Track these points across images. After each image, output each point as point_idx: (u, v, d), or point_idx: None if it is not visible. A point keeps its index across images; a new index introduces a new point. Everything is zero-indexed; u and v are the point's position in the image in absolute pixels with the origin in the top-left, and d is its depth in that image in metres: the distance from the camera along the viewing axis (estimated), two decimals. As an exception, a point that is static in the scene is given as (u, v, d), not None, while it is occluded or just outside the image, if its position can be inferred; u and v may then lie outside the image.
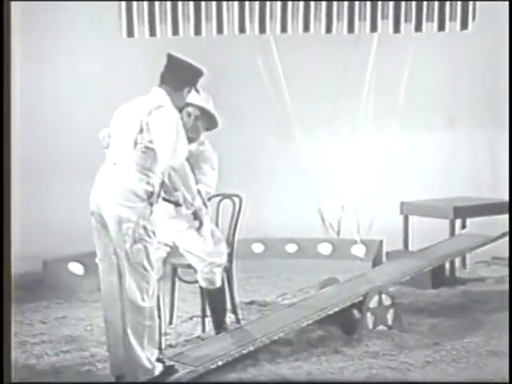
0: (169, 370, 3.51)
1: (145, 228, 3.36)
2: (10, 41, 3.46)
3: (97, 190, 3.46)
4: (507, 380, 3.34)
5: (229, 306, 4.43)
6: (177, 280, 4.47)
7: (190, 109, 3.93)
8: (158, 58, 3.68)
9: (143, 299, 3.38)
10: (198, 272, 4.12)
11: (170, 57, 3.56)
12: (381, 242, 6.02)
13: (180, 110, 3.68)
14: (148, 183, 3.38)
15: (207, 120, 3.98)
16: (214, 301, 4.15)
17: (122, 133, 3.45)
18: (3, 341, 3.18)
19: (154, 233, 3.42)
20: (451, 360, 3.79)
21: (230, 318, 4.29)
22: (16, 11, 3.94)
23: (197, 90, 3.62)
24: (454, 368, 3.68)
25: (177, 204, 3.75)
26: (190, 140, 3.90)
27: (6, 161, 3.24)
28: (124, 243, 3.34)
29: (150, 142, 3.35)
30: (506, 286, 5.35)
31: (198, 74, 3.57)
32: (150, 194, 3.38)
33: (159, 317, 3.85)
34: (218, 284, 4.12)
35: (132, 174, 3.37)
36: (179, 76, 3.50)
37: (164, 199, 3.74)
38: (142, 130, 3.35)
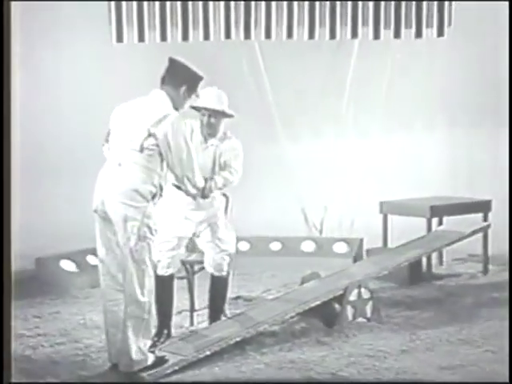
0: (160, 361, 3.71)
1: (148, 227, 3.57)
2: (10, 41, 3.57)
3: (101, 189, 3.64)
4: (507, 380, 3.48)
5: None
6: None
7: (203, 111, 4.17)
8: (149, 62, 3.87)
9: (143, 294, 3.58)
10: (207, 259, 4.32)
11: (171, 60, 3.72)
12: (361, 240, 6.24)
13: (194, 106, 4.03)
14: (152, 184, 3.58)
15: (221, 114, 4.20)
16: (218, 288, 4.34)
17: (127, 135, 3.61)
18: (3, 341, 3.31)
19: (156, 231, 3.63)
20: (425, 348, 4.04)
21: (230, 309, 4.48)
22: (16, 11, 4.02)
23: (196, 95, 3.78)
24: (428, 355, 3.92)
25: (195, 196, 4.02)
26: (210, 135, 4.21)
27: (5, 162, 3.37)
28: (129, 241, 3.54)
29: (157, 146, 3.54)
30: (480, 281, 5.62)
31: (197, 79, 3.74)
32: (154, 195, 3.59)
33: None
34: (226, 271, 4.33)
35: (138, 175, 3.56)
36: (180, 80, 3.67)
37: (184, 191, 3.96)
38: (149, 136, 3.54)
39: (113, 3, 6.34)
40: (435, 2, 6.40)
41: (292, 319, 4.37)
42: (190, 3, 6.37)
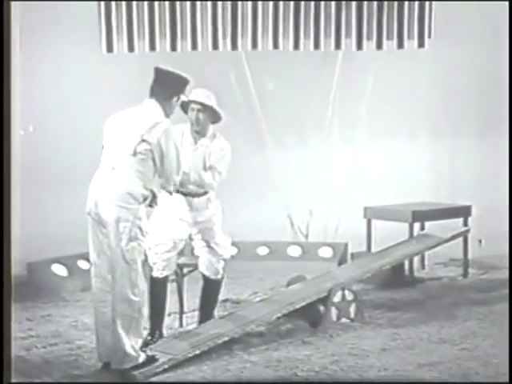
0: (151, 359, 3.84)
1: (140, 228, 3.72)
2: (10, 41, 3.66)
3: (95, 191, 3.80)
4: (507, 380, 3.60)
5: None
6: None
7: (193, 105, 4.30)
8: (140, 71, 4.00)
9: (134, 293, 3.72)
10: (203, 262, 4.43)
11: (157, 70, 3.93)
12: (346, 244, 6.39)
13: (183, 106, 4.21)
14: (144, 187, 3.74)
15: (210, 114, 4.32)
16: (211, 291, 4.47)
17: (120, 141, 3.79)
18: (3, 342, 3.42)
19: (147, 232, 3.79)
20: (406, 347, 4.21)
21: (218, 312, 4.62)
22: (16, 11, 4.09)
23: (185, 96, 3.98)
24: (408, 354, 4.09)
25: (192, 196, 4.23)
26: (198, 133, 4.33)
27: (6, 168, 3.49)
28: (120, 241, 3.69)
29: (149, 151, 3.72)
30: (460, 284, 5.80)
31: (184, 82, 3.95)
32: (146, 197, 3.75)
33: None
34: (220, 275, 4.47)
35: (131, 178, 3.73)
36: (167, 86, 3.87)
37: (179, 192, 4.18)
38: (142, 142, 3.72)
39: (103, 14, 6.48)
40: (416, 15, 6.60)
41: (278, 320, 4.51)
42: (178, 14, 6.53)
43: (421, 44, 6.65)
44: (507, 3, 5.97)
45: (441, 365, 3.88)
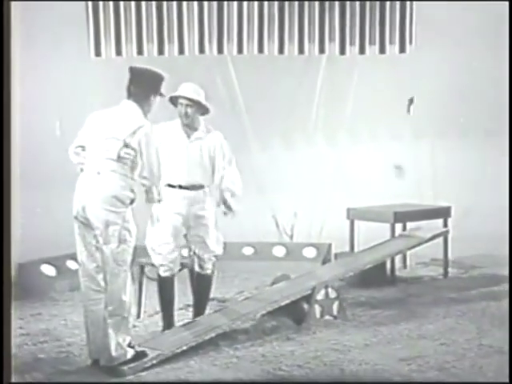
0: (140, 355, 3.96)
1: (128, 230, 3.83)
2: (10, 41, 3.73)
3: (81, 196, 3.88)
4: (507, 380, 3.69)
5: (191, 301, 4.92)
6: (144, 278, 4.93)
7: (181, 100, 4.44)
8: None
9: (125, 294, 3.83)
10: (196, 258, 4.56)
11: (131, 69, 3.99)
12: (330, 244, 6.52)
13: (172, 101, 4.38)
14: (130, 190, 3.85)
15: (199, 107, 4.47)
16: (203, 286, 4.61)
17: (103, 145, 3.85)
18: (3, 342, 3.50)
19: (134, 234, 3.89)
20: (386, 342, 4.35)
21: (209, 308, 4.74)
22: (16, 11, 4.10)
23: (161, 95, 4.01)
24: (388, 349, 4.23)
25: (189, 189, 4.39)
26: (189, 127, 4.47)
27: (5, 171, 3.59)
28: (110, 244, 3.80)
29: (133, 155, 3.81)
30: (439, 283, 5.95)
31: (159, 78, 3.99)
32: (132, 200, 3.85)
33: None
34: (211, 270, 4.61)
35: (116, 182, 3.82)
36: (143, 85, 3.90)
37: (181, 187, 4.39)
38: (124, 146, 3.81)
39: (91, 18, 6.59)
40: (397, 21, 6.78)
41: (263, 317, 4.64)
42: (165, 19, 6.65)
43: (402, 49, 6.82)
44: (507, 3, 6.00)
45: (420, 359, 4.03)
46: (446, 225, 6.26)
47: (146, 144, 3.82)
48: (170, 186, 4.39)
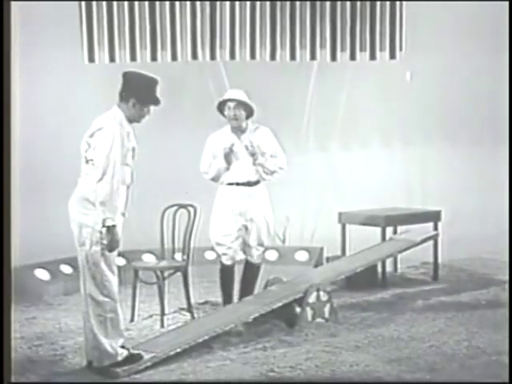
0: (135, 357, 4.00)
1: (101, 232, 3.81)
2: (10, 41, 3.75)
3: (70, 201, 3.96)
4: (507, 380, 3.73)
5: (185, 305, 5.00)
6: (138, 282, 4.99)
7: (229, 103, 4.94)
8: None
9: (102, 294, 3.86)
10: (250, 249, 5.06)
11: (125, 74, 3.99)
12: (321, 248, 6.59)
13: (220, 108, 4.94)
14: (101, 193, 3.77)
15: (244, 109, 4.96)
16: (252, 273, 5.11)
17: (80, 149, 3.94)
18: (3, 342, 3.53)
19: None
20: (377, 344, 4.41)
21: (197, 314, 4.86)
22: (16, 11, 4.13)
23: (157, 101, 3.94)
24: (379, 350, 4.29)
25: (245, 185, 4.95)
26: (239, 129, 5.00)
27: (5, 175, 3.63)
28: (84, 245, 3.85)
29: (93, 157, 3.82)
30: (429, 287, 6.02)
31: (153, 82, 3.96)
32: (103, 202, 3.77)
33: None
34: (260, 260, 5.15)
35: (87, 185, 3.86)
36: (136, 90, 3.88)
37: (238, 184, 4.94)
38: (89, 148, 3.86)
39: (84, 25, 6.65)
40: (387, 28, 6.88)
41: (256, 320, 4.68)
42: (158, 26, 6.72)
43: (392, 56, 6.92)
44: (507, 3, 6.02)
45: (409, 360, 4.09)
46: (435, 228, 6.34)
47: (98, 145, 3.76)
48: (229, 184, 4.95)
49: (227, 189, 4.97)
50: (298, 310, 4.75)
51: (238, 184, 4.94)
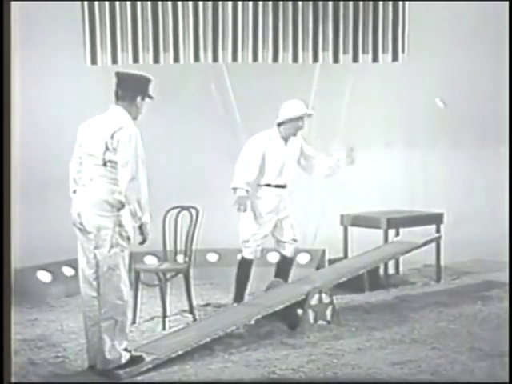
0: (137, 359, 4.00)
1: (120, 234, 3.86)
2: (10, 41, 3.75)
3: (76, 203, 3.96)
4: (507, 380, 3.74)
5: (186, 307, 4.99)
6: (140, 284, 4.99)
7: (305, 117, 5.38)
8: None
9: (118, 298, 3.88)
10: (282, 245, 5.49)
11: (117, 74, 4.03)
12: (323, 250, 6.58)
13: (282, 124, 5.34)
14: (120, 193, 3.86)
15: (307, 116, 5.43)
16: (287, 267, 5.50)
17: (92, 151, 3.92)
18: (3, 342, 3.52)
19: (128, 238, 3.92)
20: (379, 347, 4.40)
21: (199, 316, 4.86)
22: (16, 11, 4.10)
23: (150, 97, 4.01)
24: (381, 353, 4.28)
25: (281, 187, 5.38)
26: (292, 134, 5.41)
27: (6, 176, 3.63)
28: (102, 248, 3.85)
29: (116, 159, 3.82)
30: (432, 289, 6.01)
31: (146, 81, 4.01)
32: (123, 204, 3.86)
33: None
34: (293, 254, 5.54)
35: (105, 187, 3.88)
36: (130, 88, 3.93)
37: (277, 186, 5.33)
38: (107, 150, 3.84)
39: (87, 27, 6.67)
40: (390, 31, 6.88)
41: (258, 322, 4.68)
42: (160, 28, 6.73)
43: (395, 58, 6.92)
44: (507, 3, 6.02)
45: (411, 363, 4.08)
46: (438, 230, 6.33)
47: (124, 145, 3.79)
48: (267, 185, 5.30)
49: (265, 189, 5.31)
50: (299, 312, 4.74)
51: (277, 186, 5.32)
